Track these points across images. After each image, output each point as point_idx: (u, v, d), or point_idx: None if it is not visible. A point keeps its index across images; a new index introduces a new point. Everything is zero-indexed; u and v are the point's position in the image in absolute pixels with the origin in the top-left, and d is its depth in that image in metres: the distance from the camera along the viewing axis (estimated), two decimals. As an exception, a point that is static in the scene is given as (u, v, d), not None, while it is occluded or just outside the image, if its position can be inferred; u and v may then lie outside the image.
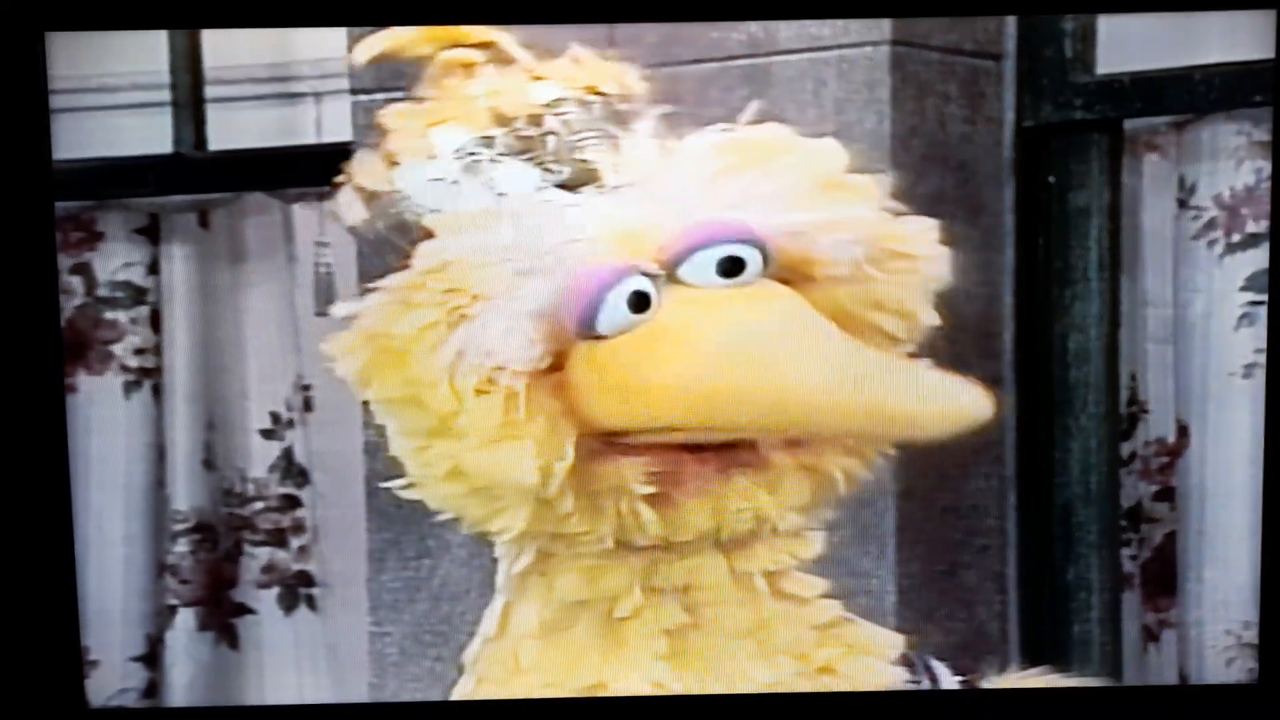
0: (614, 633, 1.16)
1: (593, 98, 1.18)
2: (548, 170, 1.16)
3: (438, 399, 1.09)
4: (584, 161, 1.16)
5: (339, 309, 1.15)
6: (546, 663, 1.18)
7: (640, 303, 1.10)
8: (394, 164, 1.17)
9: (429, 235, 1.13)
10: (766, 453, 1.13)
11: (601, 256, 1.11)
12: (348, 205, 1.18)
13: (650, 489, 1.11)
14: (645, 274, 1.10)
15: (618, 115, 1.18)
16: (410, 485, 1.15)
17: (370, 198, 1.16)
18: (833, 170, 1.15)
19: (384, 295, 1.12)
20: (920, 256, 1.15)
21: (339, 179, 1.18)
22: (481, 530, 1.15)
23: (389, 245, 1.15)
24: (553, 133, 1.16)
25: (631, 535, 1.13)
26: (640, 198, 1.14)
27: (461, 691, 1.22)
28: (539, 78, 1.19)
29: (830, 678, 1.19)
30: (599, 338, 1.10)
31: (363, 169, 1.17)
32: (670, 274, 1.11)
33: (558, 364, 1.10)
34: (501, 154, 1.16)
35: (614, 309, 1.09)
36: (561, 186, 1.16)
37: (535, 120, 1.16)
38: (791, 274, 1.12)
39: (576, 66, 1.19)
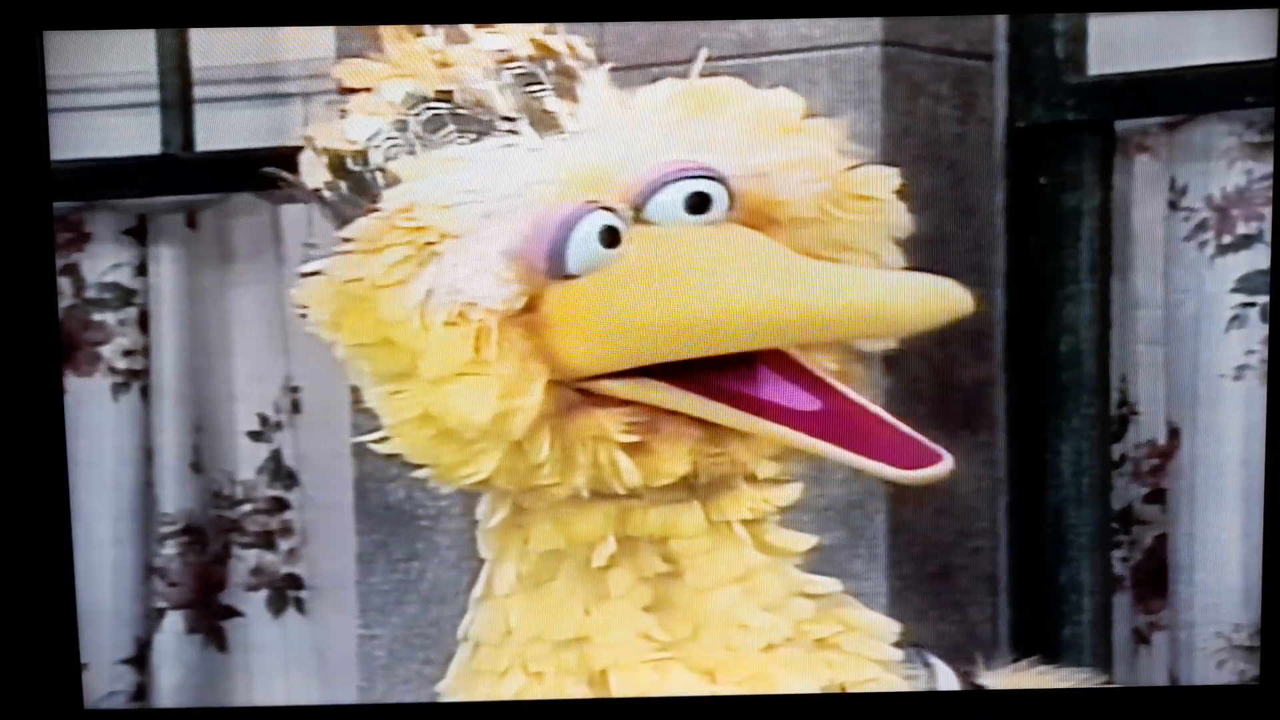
0: (596, 585, 1.16)
1: (543, 53, 1.18)
2: (505, 119, 1.16)
3: (409, 336, 1.09)
4: (542, 111, 1.16)
5: (307, 265, 1.15)
6: (532, 619, 1.17)
7: (611, 239, 1.10)
8: (349, 121, 1.17)
9: (393, 185, 1.13)
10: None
11: (565, 197, 1.11)
12: (309, 168, 1.17)
13: (632, 438, 1.11)
14: (610, 210, 1.10)
15: (569, 70, 1.19)
16: (386, 437, 1.14)
17: (330, 157, 1.16)
18: (788, 115, 1.16)
19: (352, 244, 1.12)
20: (881, 199, 1.15)
21: (298, 142, 1.18)
22: (453, 480, 1.14)
23: (352, 205, 1.14)
24: (507, 84, 1.16)
25: (609, 484, 1.12)
26: (601, 143, 1.14)
27: (459, 659, 1.22)
28: (494, 32, 1.19)
29: (828, 652, 1.19)
30: (571, 277, 1.10)
31: (320, 129, 1.17)
32: (637, 214, 1.11)
33: (532, 305, 1.10)
34: (457, 106, 1.16)
35: (583, 246, 1.09)
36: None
37: (489, 74, 1.17)
38: (756, 217, 1.12)
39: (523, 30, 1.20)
